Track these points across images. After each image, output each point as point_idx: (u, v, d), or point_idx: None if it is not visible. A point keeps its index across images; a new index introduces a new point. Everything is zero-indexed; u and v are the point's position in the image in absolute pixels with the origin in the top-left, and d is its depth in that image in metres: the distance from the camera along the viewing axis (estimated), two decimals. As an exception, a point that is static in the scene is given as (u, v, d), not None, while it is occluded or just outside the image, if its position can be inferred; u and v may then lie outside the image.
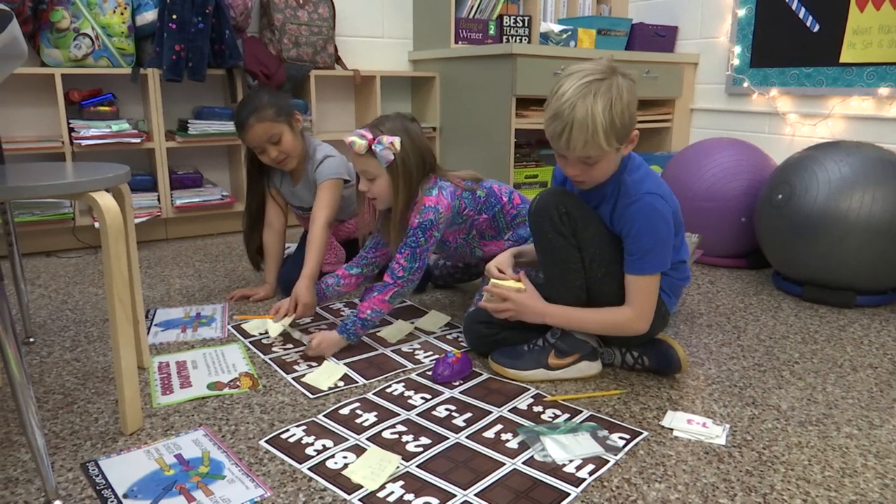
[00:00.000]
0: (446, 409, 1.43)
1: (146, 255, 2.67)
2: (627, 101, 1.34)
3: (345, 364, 1.65)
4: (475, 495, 1.13)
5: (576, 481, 1.17)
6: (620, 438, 1.32)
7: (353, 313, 1.71)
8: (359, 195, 1.80)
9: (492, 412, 1.42)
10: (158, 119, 2.75)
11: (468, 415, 1.41)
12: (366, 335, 1.79)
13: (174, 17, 2.59)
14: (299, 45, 2.99)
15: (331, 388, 1.52)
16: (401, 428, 1.35)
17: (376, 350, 1.74)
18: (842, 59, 2.80)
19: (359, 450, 1.27)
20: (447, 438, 1.31)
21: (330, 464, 1.22)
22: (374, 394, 1.50)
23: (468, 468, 1.21)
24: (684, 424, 1.37)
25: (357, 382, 1.56)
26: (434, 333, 1.87)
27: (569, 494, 1.14)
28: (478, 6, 3.37)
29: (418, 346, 1.78)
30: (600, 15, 3.72)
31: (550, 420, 1.39)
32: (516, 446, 1.29)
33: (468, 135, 3.23)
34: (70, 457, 1.25)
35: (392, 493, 1.14)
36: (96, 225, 2.60)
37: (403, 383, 1.56)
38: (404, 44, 3.52)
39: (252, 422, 1.38)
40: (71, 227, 2.68)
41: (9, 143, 2.47)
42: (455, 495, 1.13)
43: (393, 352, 1.74)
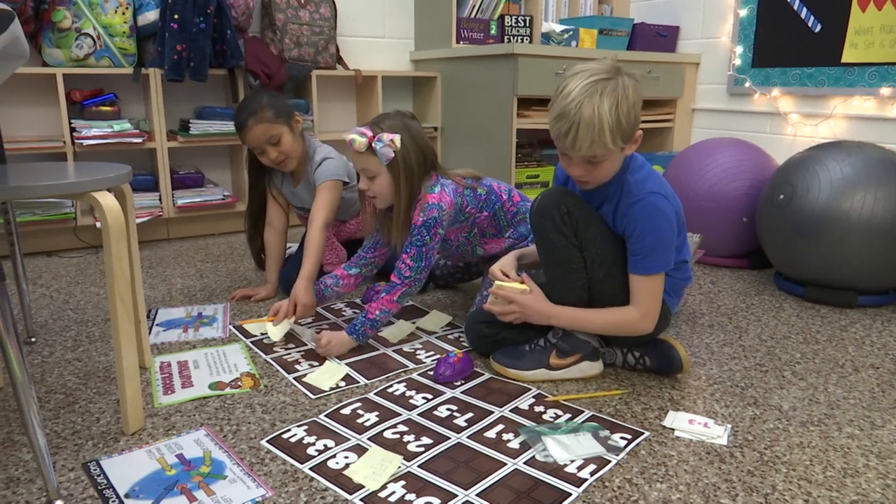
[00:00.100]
0: (448, 409, 1.43)
1: (148, 255, 2.67)
2: (633, 100, 1.34)
3: (346, 364, 1.65)
4: (476, 495, 1.13)
5: (577, 481, 1.17)
6: (622, 438, 1.32)
7: (362, 314, 1.71)
8: (360, 195, 1.80)
9: (493, 412, 1.42)
10: (160, 119, 2.75)
11: (469, 415, 1.41)
12: (367, 335, 1.79)
13: (176, 16, 2.59)
14: (301, 45, 2.99)
15: (332, 388, 1.53)
16: (402, 428, 1.35)
17: (378, 350, 1.74)
18: (843, 59, 2.80)
19: (360, 450, 1.27)
20: (448, 438, 1.31)
21: (331, 464, 1.22)
22: (375, 394, 1.50)
23: (469, 468, 1.21)
24: (686, 424, 1.36)
25: (358, 382, 1.56)
26: (435, 333, 1.87)
27: (570, 494, 1.14)
28: (479, 6, 3.37)
29: (420, 346, 1.78)
30: (602, 15, 3.71)
31: (552, 420, 1.39)
32: (518, 446, 1.29)
33: (470, 135, 3.23)
34: (72, 456, 1.25)
35: (393, 493, 1.14)
36: (98, 225, 2.60)
37: (405, 383, 1.56)
38: (406, 44, 3.52)
39: (253, 422, 1.38)
40: (72, 227, 2.69)
41: (10, 143, 2.48)
42: (456, 495, 1.13)
43: (394, 352, 1.74)
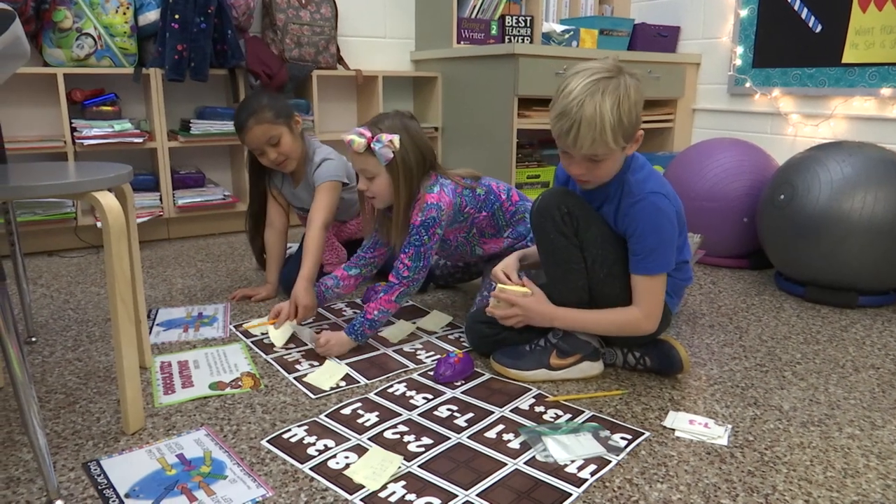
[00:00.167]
0: (448, 410, 1.43)
1: (148, 255, 2.67)
2: (635, 99, 1.34)
3: (346, 364, 1.65)
4: (477, 495, 1.13)
5: (577, 482, 1.17)
6: (622, 439, 1.32)
7: (361, 314, 1.71)
8: (360, 196, 1.80)
9: (493, 412, 1.42)
10: (161, 119, 2.75)
11: (470, 415, 1.41)
12: (367, 335, 1.79)
13: (176, 16, 2.59)
14: (301, 45, 2.99)
15: (332, 388, 1.53)
16: (402, 428, 1.35)
17: (378, 350, 1.74)
18: (844, 60, 2.80)
19: (360, 450, 1.27)
20: (449, 438, 1.31)
21: (331, 464, 1.22)
22: (375, 394, 1.50)
23: (470, 468, 1.21)
24: (686, 425, 1.36)
25: (359, 382, 1.56)
26: (436, 333, 1.87)
27: (570, 495, 1.14)
28: (480, 6, 3.37)
29: (420, 347, 1.78)
30: (602, 15, 3.71)
31: (552, 420, 1.39)
32: (518, 446, 1.29)
33: (470, 135, 3.23)
34: (72, 456, 1.25)
35: (394, 493, 1.14)
36: (98, 224, 2.59)
37: (405, 383, 1.56)
38: (406, 44, 3.53)
39: (254, 422, 1.38)
40: (73, 227, 2.69)
41: (11, 143, 2.48)
42: (457, 495, 1.13)
43: (395, 352, 1.74)
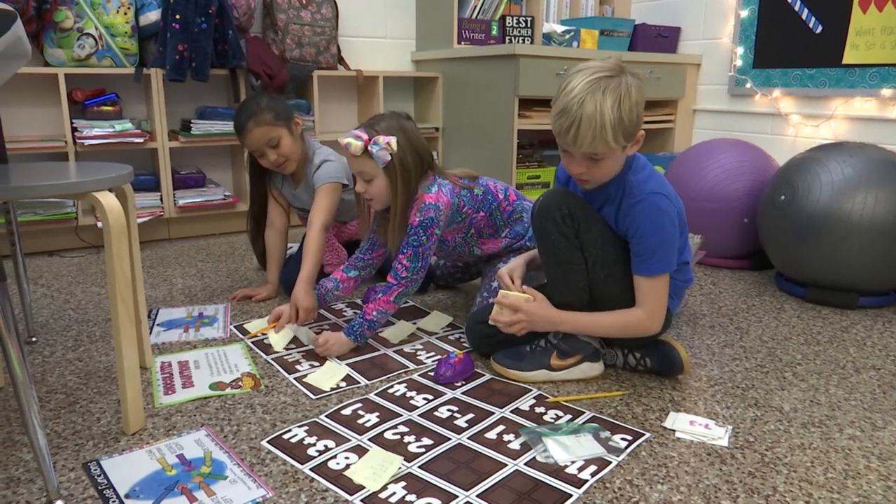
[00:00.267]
0: (448, 410, 1.43)
1: (149, 255, 2.67)
2: (636, 99, 1.34)
3: (347, 364, 1.65)
4: (477, 496, 1.13)
5: (578, 482, 1.17)
6: (623, 440, 1.31)
7: (360, 315, 1.71)
8: (357, 197, 1.80)
9: (494, 413, 1.42)
10: (161, 119, 2.75)
11: (470, 416, 1.41)
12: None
13: (177, 17, 2.59)
14: (302, 46, 2.99)
15: (333, 389, 1.52)
16: (403, 429, 1.35)
17: (378, 351, 1.74)
18: (844, 61, 2.80)
19: (361, 450, 1.27)
20: (449, 439, 1.31)
21: (332, 464, 1.22)
22: (376, 394, 1.50)
23: (470, 469, 1.21)
24: (686, 426, 1.36)
25: (359, 383, 1.56)
26: (436, 334, 1.87)
27: (571, 496, 1.14)
28: (480, 7, 3.37)
29: (420, 347, 1.78)
30: (603, 16, 3.72)
31: (552, 421, 1.39)
32: (518, 447, 1.29)
33: (471, 135, 3.23)
34: (72, 456, 1.25)
35: (394, 493, 1.14)
36: (99, 225, 2.60)
37: (405, 384, 1.56)
38: (407, 44, 3.53)
39: (254, 422, 1.38)
40: (74, 227, 2.69)
41: (12, 143, 2.48)
42: (457, 496, 1.13)
43: (395, 352, 1.74)
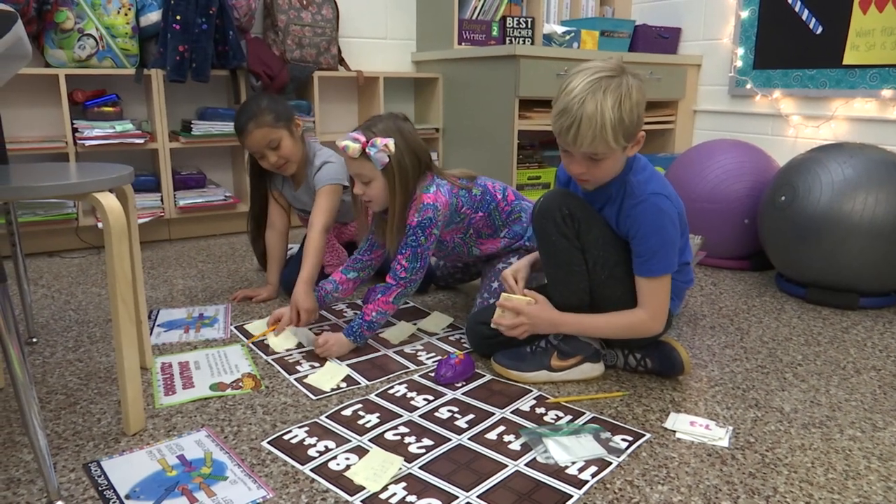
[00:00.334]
0: (449, 411, 1.43)
1: (149, 256, 2.67)
2: (636, 99, 1.34)
3: (347, 365, 1.65)
4: (477, 497, 1.13)
5: (578, 483, 1.17)
6: (623, 440, 1.31)
7: (359, 315, 1.71)
8: (354, 199, 1.80)
9: (494, 414, 1.42)
10: (162, 120, 2.75)
11: (470, 416, 1.41)
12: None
13: (178, 17, 2.59)
14: (303, 46, 2.99)
15: (333, 390, 1.52)
16: (403, 429, 1.35)
17: (379, 351, 1.74)
18: (845, 61, 2.79)
19: (361, 451, 1.27)
20: (449, 440, 1.31)
21: (332, 465, 1.22)
22: (376, 395, 1.50)
23: (470, 470, 1.21)
24: (687, 426, 1.36)
25: (359, 384, 1.56)
26: (437, 335, 1.87)
27: (571, 496, 1.13)
28: (481, 7, 3.37)
29: (421, 348, 1.78)
30: (603, 16, 3.72)
31: (553, 422, 1.39)
32: (519, 448, 1.29)
33: (471, 136, 3.23)
34: (72, 457, 1.25)
35: (394, 494, 1.14)
36: (100, 225, 2.60)
37: (406, 384, 1.56)
38: (407, 45, 3.53)
39: (254, 423, 1.38)
40: (74, 228, 2.69)
41: (13, 144, 2.48)
42: (457, 497, 1.13)
43: (395, 353, 1.74)
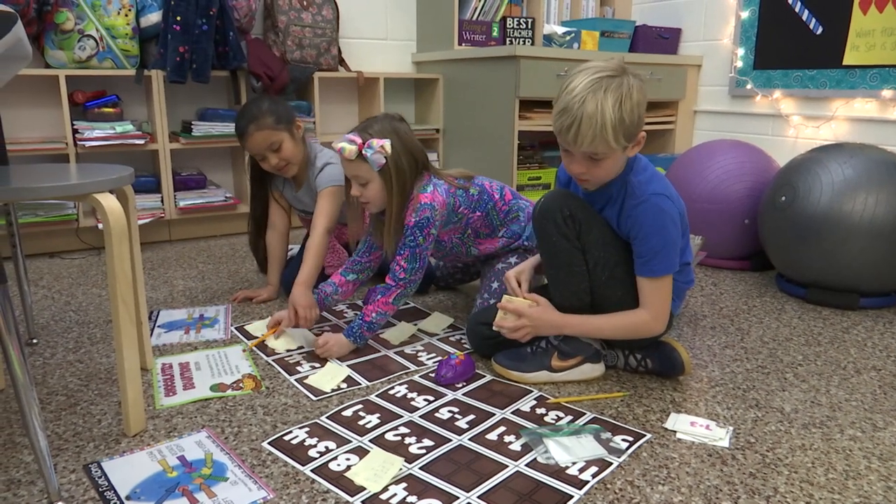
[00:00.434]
0: (449, 411, 1.43)
1: (149, 257, 2.67)
2: (637, 100, 1.34)
3: (348, 366, 1.65)
4: (478, 497, 1.13)
5: (579, 483, 1.17)
6: (623, 441, 1.31)
7: (359, 316, 1.71)
8: (348, 200, 1.79)
9: (495, 414, 1.42)
10: (162, 120, 2.76)
11: (471, 417, 1.41)
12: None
13: (178, 18, 2.60)
14: (303, 47, 2.99)
15: (334, 390, 1.52)
16: (404, 430, 1.35)
17: (379, 352, 1.74)
18: (845, 62, 2.79)
19: (362, 452, 1.27)
20: (450, 440, 1.31)
21: (333, 466, 1.22)
22: (376, 396, 1.50)
23: (471, 470, 1.21)
24: (688, 427, 1.36)
25: (360, 384, 1.56)
26: (437, 335, 1.87)
27: (572, 497, 1.13)
28: (481, 8, 3.37)
29: (421, 348, 1.78)
30: (604, 17, 3.72)
31: (553, 422, 1.39)
32: (519, 448, 1.29)
33: (471, 136, 3.23)
34: (73, 458, 1.25)
35: (395, 495, 1.14)
36: (100, 226, 2.59)
37: (406, 385, 1.56)
38: (408, 45, 3.53)
39: (255, 423, 1.38)
40: (74, 229, 2.69)
41: (13, 145, 2.48)
42: (458, 497, 1.13)
43: (396, 354, 1.74)
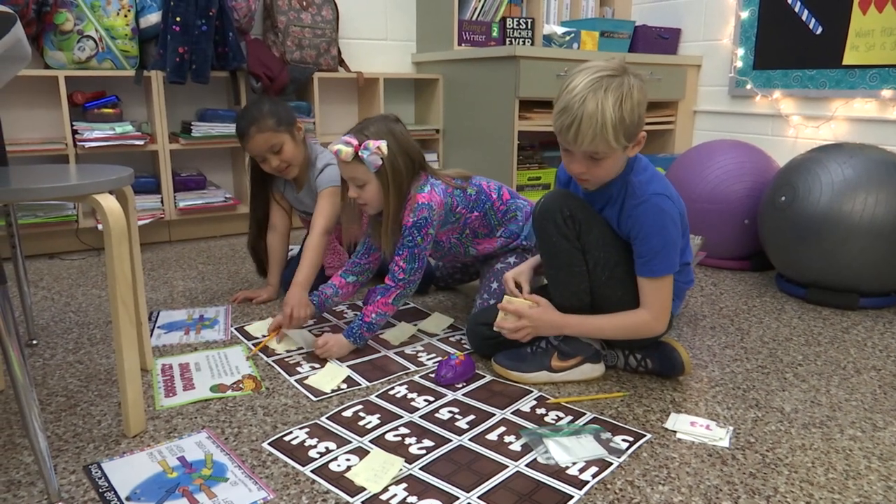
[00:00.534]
0: (449, 412, 1.43)
1: (149, 258, 2.67)
2: (637, 99, 1.34)
3: (348, 366, 1.65)
4: (478, 498, 1.13)
5: (579, 484, 1.17)
6: (624, 441, 1.31)
7: (359, 317, 1.71)
8: (344, 202, 1.79)
9: (495, 414, 1.42)
10: (162, 121, 2.76)
11: (471, 417, 1.41)
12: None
13: (178, 19, 2.60)
14: (302, 48, 2.99)
15: (334, 391, 1.52)
16: (404, 430, 1.35)
17: (379, 352, 1.74)
18: (845, 62, 2.79)
19: (362, 452, 1.27)
20: (450, 441, 1.31)
21: (333, 466, 1.22)
22: (376, 396, 1.50)
23: (471, 470, 1.21)
24: (688, 427, 1.36)
25: (360, 385, 1.56)
26: (437, 335, 1.87)
27: (572, 497, 1.13)
28: (481, 8, 3.37)
29: (421, 349, 1.78)
30: (603, 17, 3.72)
31: (553, 422, 1.39)
32: (519, 449, 1.28)
33: (471, 137, 3.23)
34: (73, 459, 1.25)
35: (395, 495, 1.14)
36: (99, 227, 2.60)
37: (406, 385, 1.56)
38: (407, 46, 3.53)
39: (255, 424, 1.38)
40: (74, 230, 2.69)
41: (12, 145, 2.48)
42: (458, 498, 1.13)
43: (396, 354, 1.74)
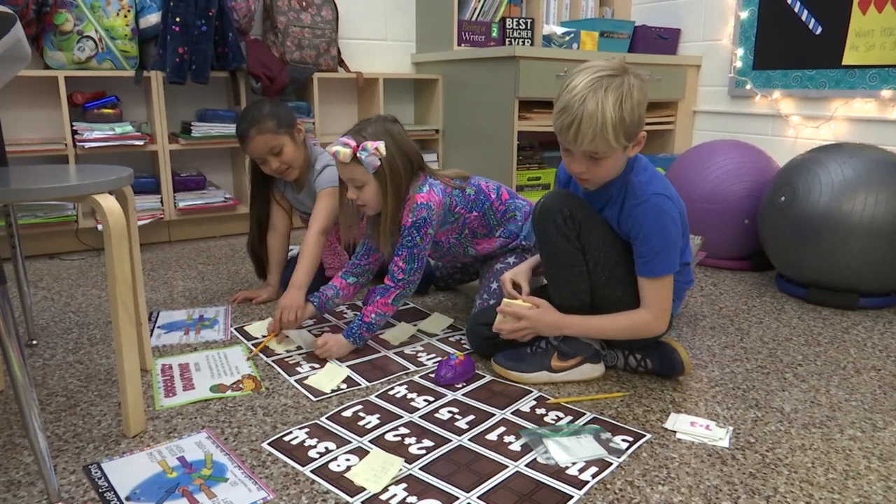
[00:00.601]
0: (449, 412, 1.43)
1: (149, 258, 2.67)
2: (637, 99, 1.34)
3: (347, 366, 1.65)
4: (478, 498, 1.13)
5: (579, 484, 1.17)
6: (623, 441, 1.31)
7: (359, 317, 1.71)
8: (342, 203, 1.79)
9: (495, 415, 1.42)
10: (162, 121, 2.76)
11: (471, 417, 1.41)
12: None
13: (177, 19, 2.60)
14: (302, 48, 2.99)
15: (333, 391, 1.52)
16: (403, 430, 1.35)
17: (379, 352, 1.74)
18: (844, 62, 2.80)
19: (361, 452, 1.27)
20: (450, 441, 1.31)
21: (333, 466, 1.22)
22: (376, 396, 1.50)
23: (471, 471, 1.21)
24: (687, 427, 1.36)
25: (360, 385, 1.56)
26: (437, 336, 1.87)
27: (572, 497, 1.13)
28: (480, 8, 3.38)
29: (421, 349, 1.78)
30: (603, 17, 3.72)
31: (553, 422, 1.39)
32: (519, 449, 1.28)
33: (471, 137, 3.23)
34: (73, 459, 1.25)
35: (395, 495, 1.14)
36: (99, 227, 2.60)
37: (406, 385, 1.56)
38: (407, 46, 3.53)
39: (255, 424, 1.38)
40: (74, 230, 2.69)
41: (12, 146, 2.48)
42: (458, 498, 1.13)
43: (396, 354, 1.74)
